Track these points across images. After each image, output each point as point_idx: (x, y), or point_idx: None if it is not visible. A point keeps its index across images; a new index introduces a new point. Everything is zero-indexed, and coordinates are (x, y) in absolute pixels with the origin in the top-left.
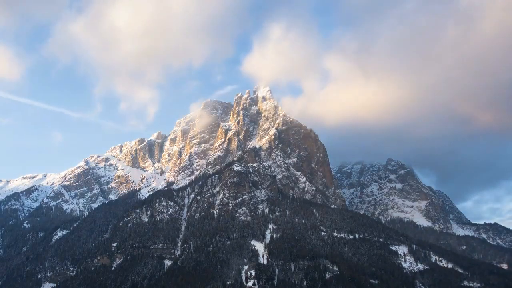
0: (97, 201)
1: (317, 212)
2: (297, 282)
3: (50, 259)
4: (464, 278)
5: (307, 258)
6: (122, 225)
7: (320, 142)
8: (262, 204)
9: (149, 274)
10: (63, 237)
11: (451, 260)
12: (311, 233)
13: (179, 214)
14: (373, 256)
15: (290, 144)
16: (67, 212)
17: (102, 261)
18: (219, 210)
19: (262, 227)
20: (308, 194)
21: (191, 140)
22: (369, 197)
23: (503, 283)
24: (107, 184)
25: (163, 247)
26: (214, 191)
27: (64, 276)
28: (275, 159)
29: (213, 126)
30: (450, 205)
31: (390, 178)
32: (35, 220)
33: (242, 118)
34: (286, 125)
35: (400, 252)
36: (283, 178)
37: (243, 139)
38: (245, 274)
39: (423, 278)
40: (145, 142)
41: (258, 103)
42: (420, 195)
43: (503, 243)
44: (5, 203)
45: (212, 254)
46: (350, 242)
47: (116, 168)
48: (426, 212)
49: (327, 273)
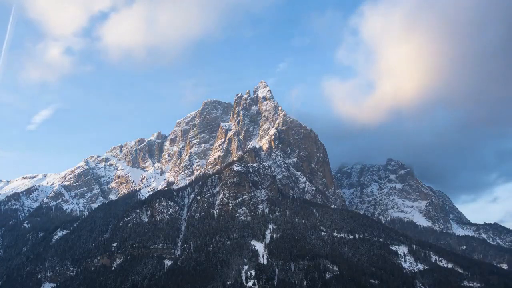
0: (97, 201)
1: (317, 212)
2: (297, 282)
3: (50, 259)
4: (464, 278)
5: (307, 258)
6: (122, 225)
7: (320, 142)
8: (262, 204)
9: (149, 274)
10: (63, 237)
11: (451, 260)
12: (311, 233)
13: (179, 214)
14: (373, 256)
15: (290, 144)
16: (67, 212)
17: (102, 261)
18: (219, 210)
19: (262, 227)
20: (308, 194)
21: (191, 140)
22: (369, 197)
23: (503, 283)
24: (107, 184)
25: (163, 247)
26: (214, 191)
27: (64, 276)
28: (275, 159)
29: (213, 126)
30: (450, 205)
31: (390, 178)
32: (35, 220)
33: (242, 118)
34: (286, 125)
35: (400, 252)
36: (283, 178)
37: (243, 139)
38: (245, 274)
39: (423, 278)
40: (145, 142)
41: (258, 103)
42: (420, 195)
43: (503, 243)
44: (5, 203)
45: (212, 254)
46: (350, 242)
47: (116, 168)
48: (426, 212)
49: (327, 273)
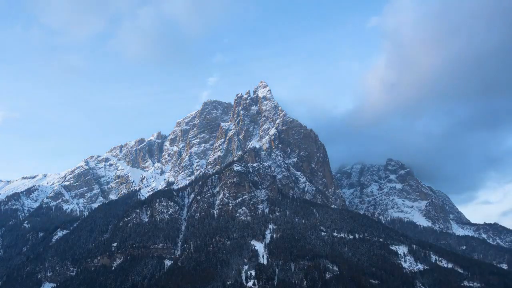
0: (97, 201)
1: (317, 212)
2: (297, 282)
3: (50, 259)
4: (464, 278)
5: (307, 258)
6: (122, 225)
7: (320, 142)
8: (262, 204)
9: (149, 274)
10: (63, 237)
11: (451, 260)
12: (311, 233)
13: (179, 214)
14: (373, 256)
15: (290, 144)
16: (67, 212)
17: (102, 261)
18: (219, 210)
19: (262, 227)
20: (308, 194)
21: (191, 140)
22: (369, 197)
23: (503, 283)
24: (107, 184)
25: (163, 247)
26: (214, 191)
27: (64, 276)
28: (275, 159)
29: (213, 126)
30: (450, 205)
31: (390, 178)
32: (35, 220)
33: (242, 118)
34: (286, 125)
35: (400, 252)
36: (283, 178)
37: (243, 139)
38: (245, 274)
39: (423, 278)
40: (145, 142)
41: (258, 103)
42: (420, 195)
43: (503, 243)
44: (5, 203)
45: (212, 254)
46: (350, 242)
47: (116, 168)
48: (426, 212)
49: (327, 273)
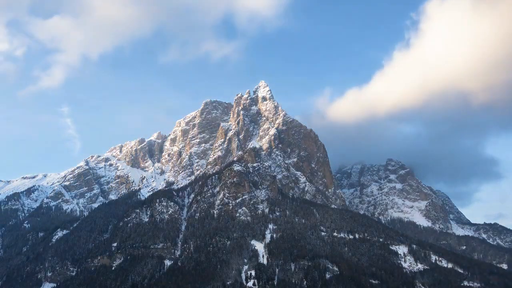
0: (97, 201)
1: (317, 212)
2: (297, 282)
3: (50, 259)
4: (464, 278)
5: (307, 258)
6: (122, 225)
7: (320, 142)
8: (262, 204)
9: (149, 274)
10: (63, 237)
11: (451, 260)
12: (311, 233)
13: (179, 214)
14: (373, 256)
15: (290, 144)
16: (67, 212)
17: (102, 261)
18: (219, 210)
19: (262, 227)
20: (308, 194)
21: (191, 140)
22: (369, 197)
23: (503, 283)
24: (107, 184)
25: (163, 247)
26: (214, 191)
27: (64, 276)
28: (275, 159)
29: (213, 126)
30: (450, 205)
31: (390, 178)
32: (35, 220)
33: (242, 118)
34: (286, 125)
35: (400, 252)
36: (283, 178)
37: (243, 139)
38: (245, 274)
39: (423, 278)
40: (145, 142)
41: (258, 103)
42: (420, 195)
43: (503, 243)
44: (5, 203)
45: (212, 254)
46: (350, 242)
47: (116, 168)
48: (426, 212)
49: (327, 273)
